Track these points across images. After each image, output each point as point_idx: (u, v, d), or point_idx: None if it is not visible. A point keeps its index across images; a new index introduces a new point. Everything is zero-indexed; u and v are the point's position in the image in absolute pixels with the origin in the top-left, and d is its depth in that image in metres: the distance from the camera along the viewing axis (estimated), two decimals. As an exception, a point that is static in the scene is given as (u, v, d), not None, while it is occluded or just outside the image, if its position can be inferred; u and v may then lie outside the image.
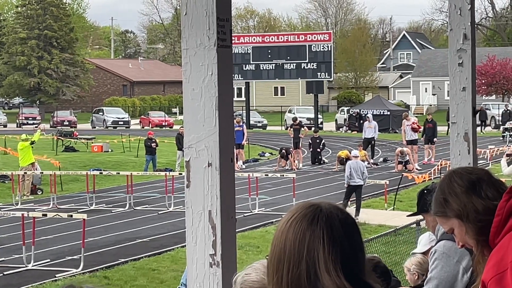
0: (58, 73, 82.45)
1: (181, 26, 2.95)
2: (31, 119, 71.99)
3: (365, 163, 29.88)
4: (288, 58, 59.33)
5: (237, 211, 3.03)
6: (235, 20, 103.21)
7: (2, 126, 70.15)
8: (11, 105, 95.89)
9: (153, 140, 35.05)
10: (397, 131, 52.45)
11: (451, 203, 3.08)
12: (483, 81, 68.62)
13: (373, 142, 37.64)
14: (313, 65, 58.96)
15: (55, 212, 21.14)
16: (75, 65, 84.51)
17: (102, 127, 68.39)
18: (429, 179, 26.38)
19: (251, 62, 60.17)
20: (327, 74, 59.63)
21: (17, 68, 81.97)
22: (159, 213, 23.58)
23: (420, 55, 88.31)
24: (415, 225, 15.16)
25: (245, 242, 18.67)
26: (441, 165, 28.55)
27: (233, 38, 3.00)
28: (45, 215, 18.89)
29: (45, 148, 42.32)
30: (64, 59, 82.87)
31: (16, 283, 15.58)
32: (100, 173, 28.78)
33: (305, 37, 60.38)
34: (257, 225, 21.39)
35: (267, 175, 28.23)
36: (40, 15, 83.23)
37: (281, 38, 61.53)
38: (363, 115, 50.81)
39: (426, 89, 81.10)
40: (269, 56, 59.76)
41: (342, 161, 31.93)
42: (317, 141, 36.73)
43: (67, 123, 67.82)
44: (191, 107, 2.90)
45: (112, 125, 68.69)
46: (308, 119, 60.71)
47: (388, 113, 56.72)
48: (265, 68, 60.28)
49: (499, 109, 60.68)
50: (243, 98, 65.54)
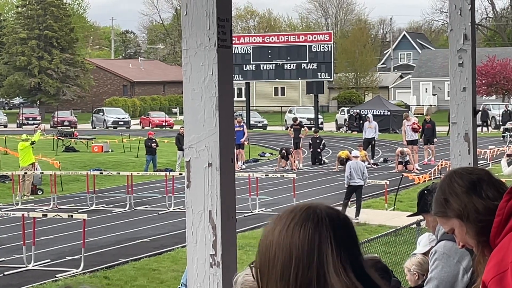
0: (58, 73, 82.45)
1: (182, 26, 2.95)
2: (31, 119, 71.95)
3: (365, 163, 29.87)
4: (288, 58, 59.31)
5: (237, 211, 3.03)
6: (235, 20, 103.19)
7: (2, 126, 70.14)
8: (12, 105, 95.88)
9: (154, 140, 35.05)
10: (397, 131, 52.44)
11: (451, 203, 3.08)
12: (484, 82, 68.60)
13: (373, 142, 37.64)
14: (313, 65, 58.94)
15: (56, 212, 21.15)
16: (76, 65, 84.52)
17: (102, 127, 68.39)
18: (429, 179, 26.37)
19: (251, 62, 60.16)
20: (327, 74, 59.62)
21: (18, 68, 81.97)
22: (160, 213, 23.58)
23: (420, 55, 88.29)
24: (415, 226, 15.15)
25: (245, 242, 18.66)
26: (441, 165, 28.53)
27: (233, 38, 3.01)
28: (46, 215, 18.89)
29: (46, 148, 42.30)
30: (64, 59, 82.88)
31: (16, 283, 15.58)
32: (100, 173, 28.78)
33: (305, 37, 60.35)
34: (257, 225, 21.37)
35: (267, 175, 28.21)
36: (40, 15, 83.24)
37: (281, 38, 61.52)
38: (363, 116, 50.81)
39: (426, 89, 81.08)
40: (269, 56, 59.75)
41: (342, 161, 31.94)
42: (317, 141, 36.73)
43: (67, 123, 67.83)
44: (191, 107, 2.90)
45: (112, 125, 68.68)
46: (308, 119, 60.70)
47: (388, 114, 56.72)
48: (265, 68, 60.26)
49: (499, 109, 60.66)
50: (243, 98, 65.52)
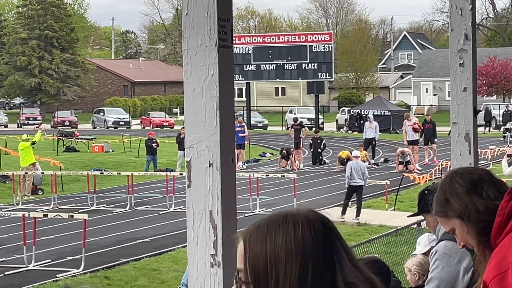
0: (59, 73, 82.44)
1: (182, 26, 2.95)
2: (32, 119, 71.96)
3: (366, 164, 29.87)
4: (288, 58, 59.31)
5: (238, 211, 3.03)
6: (236, 20, 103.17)
7: (3, 126, 70.17)
8: (12, 105, 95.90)
9: (154, 140, 35.05)
10: (397, 131, 52.43)
11: (452, 203, 3.07)
12: (484, 82, 68.57)
13: (374, 142, 37.64)
14: (313, 66, 58.94)
15: (56, 212, 21.16)
16: (76, 65, 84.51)
17: (103, 128, 68.41)
18: (430, 180, 26.37)
19: (252, 62, 60.16)
20: (327, 74, 59.61)
21: (18, 68, 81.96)
22: (160, 213, 23.58)
23: (421, 56, 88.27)
24: (416, 226, 15.15)
25: (246, 242, 18.64)
26: (442, 165, 28.53)
27: (234, 38, 3.00)
28: (46, 215, 18.89)
29: (46, 148, 42.32)
30: (65, 59, 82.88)
31: (17, 283, 15.58)
32: (101, 173, 28.78)
33: (306, 38, 60.36)
34: (258, 226, 21.36)
35: (268, 175, 28.21)
36: (41, 16, 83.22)
37: (282, 38, 61.52)
38: (364, 116, 50.80)
39: (427, 89, 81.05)
40: (270, 56, 59.75)
41: (342, 162, 31.94)
42: (318, 141, 36.73)
43: (68, 124, 67.85)
44: (192, 107, 2.90)
45: (113, 125, 68.69)
46: (308, 119, 60.69)
47: (389, 114, 56.72)
48: (266, 68, 60.26)
49: (499, 109, 60.64)
50: (244, 98, 65.50)
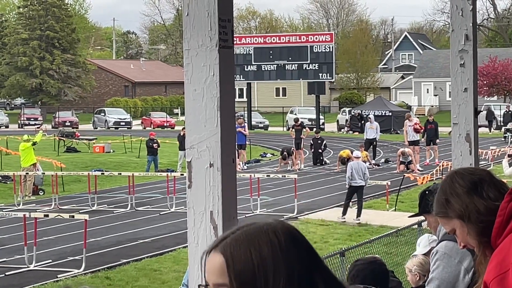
0: (59, 73, 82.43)
1: (183, 26, 2.95)
2: (32, 119, 71.96)
3: (367, 164, 29.86)
4: (289, 59, 59.31)
5: (238, 211, 3.03)
6: (236, 21, 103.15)
7: (4, 126, 70.21)
8: (13, 105, 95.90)
9: (155, 140, 35.05)
10: (398, 132, 52.42)
11: (452, 204, 3.07)
12: (485, 82, 68.55)
13: (374, 143, 37.62)
14: (314, 66, 58.93)
15: (57, 212, 21.17)
16: (77, 66, 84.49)
17: (103, 128, 68.41)
18: (431, 180, 26.36)
19: (253, 63, 60.16)
20: (328, 75, 59.61)
21: (19, 68, 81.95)
22: (161, 213, 23.58)
23: (421, 56, 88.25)
24: (416, 226, 15.15)
25: (246, 242, 18.64)
26: (443, 166, 28.51)
27: (234, 38, 3.01)
28: (47, 216, 18.90)
29: (47, 148, 42.32)
30: (66, 60, 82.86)
31: (18, 283, 15.58)
32: (101, 173, 28.78)
33: (307, 38, 60.36)
34: (258, 226, 21.36)
35: (269, 175, 28.19)
36: (42, 16, 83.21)
37: (283, 39, 61.53)
38: (365, 116, 50.80)
39: (427, 90, 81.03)
40: (271, 57, 59.74)
41: (343, 161, 31.91)
42: (319, 142, 36.73)
43: (69, 124, 67.85)
44: (192, 107, 2.91)
45: (113, 126, 68.68)
46: (309, 119, 60.70)
47: (389, 114, 56.72)
48: (266, 69, 60.26)
49: (500, 110, 60.62)
50: (245, 99, 65.52)
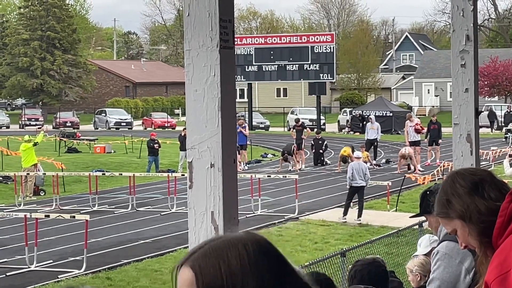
0: (60, 74, 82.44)
1: (184, 27, 2.95)
2: (33, 120, 71.95)
3: (368, 165, 29.84)
4: (290, 59, 59.29)
5: (239, 212, 3.03)
6: (237, 21, 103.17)
7: (4, 127, 70.24)
8: (14, 106, 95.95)
9: (156, 141, 35.04)
10: (399, 132, 52.41)
11: (453, 204, 3.07)
12: (486, 82, 68.53)
13: (375, 143, 37.61)
14: (315, 66, 58.92)
15: (58, 213, 21.18)
16: (78, 66, 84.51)
17: (104, 128, 68.41)
18: (432, 180, 26.35)
19: (254, 63, 60.15)
20: (329, 75, 59.59)
21: (20, 69, 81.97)
22: (162, 214, 23.57)
23: (422, 56, 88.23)
24: (417, 227, 15.15)
25: (247, 243, 18.64)
26: (444, 166, 28.50)
27: (235, 39, 3.00)
28: (48, 216, 18.91)
29: (48, 149, 42.32)
30: (66, 60, 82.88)
31: (18, 284, 15.59)
32: (102, 174, 28.78)
33: (308, 39, 60.34)
34: (259, 226, 21.38)
35: (270, 176, 28.17)
36: (42, 16, 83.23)
37: (284, 39, 61.50)
38: (366, 117, 50.79)
39: (428, 90, 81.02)
40: (272, 57, 59.73)
41: (344, 159, 31.86)
42: (320, 142, 36.73)
43: (70, 124, 67.87)
44: (193, 108, 2.90)
45: (114, 126, 68.68)
46: (310, 120, 60.71)
47: (390, 115, 56.69)
48: (267, 69, 60.24)
49: (501, 110, 60.59)
50: (246, 99, 65.52)
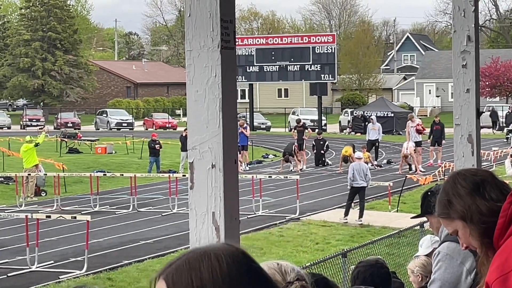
0: (62, 74, 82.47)
1: (185, 27, 2.95)
2: (34, 120, 71.98)
3: (369, 165, 29.84)
4: (291, 60, 59.29)
5: (240, 212, 3.03)
6: (238, 22, 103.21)
7: (6, 127, 70.26)
8: (15, 106, 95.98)
9: (157, 141, 35.05)
10: (400, 133, 52.40)
11: (455, 205, 3.07)
12: (487, 83, 68.54)
13: (377, 144, 37.60)
14: (316, 67, 58.92)
15: (59, 213, 21.20)
16: (79, 67, 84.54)
17: (105, 129, 68.41)
18: (433, 181, 26.34)
19: (255, 64, 60.16)
20: (330, 76, 59.58)
21: (21, 69, 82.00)
22: (163, 214, 23.58)
23: (423, 57, 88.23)
24: (419, 227, 15.16)
25: (248, 243, 18.66)
26: (445, 167, 28.49)
27: (236, 39, 3.00)
28: (49, 217, 18.91)
29: (49, 149, 42.33)
30: (68, 61, 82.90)
31: (20, 284, 15.59)
32: (103, 174, 28.78)
33: (309, 39, 60.35)
34: (260, 227, 21.39)
35: (271, 176, 28.16)
36: (44, 17, 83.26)
37: (285, 40, 61.51)
38: (368, 117, 50.78)
39: (430, 91, 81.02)
40: (273, 58, 59.73)
41: (345, 159, 31.84)
42: (321, 143, 36.73)
43: (71, 125, 67.86)
44: (194, 108, 2.90)
45: (115, 127, 68.70)
46: (311, 121, 60.69)
47: (392, 115, 56.66)
48: (268, 70, 60.25)
49: (503, 110, 60.58)
50: (247, 100, 65.52)
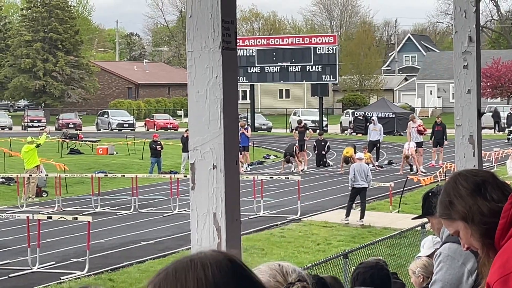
0: (63, 75, 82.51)
1: (186, 28, 2.95)
2: (36, 121, 72.03)
3: (370, 166, 29.84)
4: (293, 60, 59.29)
5: (242, 213, 3.03)
6: (240, 22, 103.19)
7: (7, 128, 70.28)
8: (16, 107, 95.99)
9: (158, 142, 35.05)
10: (402, 133, 52.39)
11: (456, 206, 3.07)
12: (488, 84, 68.56)
13: (378, 144, 37.59)
14: (318, 68, 58.92)
15: (60, 214, 21.19)
16: (80, 68, 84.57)
17: (107, 130, 68.42)
18: (434, 182, 26.33)
19: (256, 64, 60.16)
20: (332, 76, 59.56)
21: (22, 70, 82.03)
22: (164, 215, 23.57)
23: (425, 58, 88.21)
24: (420, 228, 15.16)
25: (250, 244, 18.67)
26: (446, 167, 28.49)
27: (238, 40, 3.00)
28: (50, 218, 18.91)
29: (50, 150, 42.34)
30: (69, 62, 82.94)
31: (21, 285, 15.60)
32: (105, 175, 28.79)
33: (310, 40, 60.34)
34: (262, 228, 21.39)
35: (272, 177, 28.17)
36: (45, 18, 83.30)
37: (286, 40, 61.51)
38: (368, 118, 50.77)
39: (431, 91, 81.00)
40: (274, 58, 59.74)
41: (347, 160, 31.82)
42: (322, 143, 36.72)
43: (72, 126, 67.86)
44: (196, 109, 2.90)
45: (117, 128, 68.71)
46: (313, 121, 60.65)
47: (393, 116, 56.63)
48: (270, 70, 60.24)
49: (504, 111, 60.62)
50: (248, 100, 65.52)
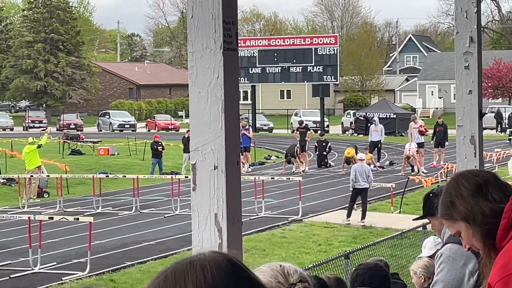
0: (64, 76, 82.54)
1: (187, 29, 2.95)
2: (37, 122, 72.08)
3: (371, 166, 29.84)
4: (294, 61, 59.28)
5: (243, 214, 3.03)
6: (241, 23, 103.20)
7: (8, 129, 70.30)
8: (18, 108, 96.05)
9: (159, 143, 35.06)
10: (403, 134, 52.39)
11: (457, 206, 3.07)
12: (490, 84, 68.53)
13: (379, 145, 37.59)
14: (319, 68, 58.91)
15: (62, 215, 21.21)
16: (82, 68, 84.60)
17: (108, 130, 68.45)
18: (435, 182, 26.32)
19: (257, 65, 60.15)
20: (333, 77, 59.54)
21: (24, 71, 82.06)
22: (165, 216, 23.58)
23: (426, 58, 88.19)
24: (421, 229, 15.16)
25: (251, 245, 18.67)
26: (447, 168, 28.48)
27: (239, 41, 3.00)
28: (52, 218, 18.92)
29: (52, 151, 42.36)
30: (70, 62, 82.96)
31: (22, 286, 15.60)
32: (106, 176, 28.79)
33: (311, 40, 60.32)
34: (263, 228, 21.38)
35: (273, 178, 28.18)
36: (46, 19, 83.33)
37: (287, 41, 61.49)
38: (370, 118, 50.77)
39: (432, 92, 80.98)
40: (275, 59, 59.72)
41: (348, 161, 31.82)
42: (323, 144, 36.71)
43: (74, 126, 67.90)
44: (197, 110, 2.90)
45: (118, 128, 68.74)
46: (314, 122, 60.65)
47: (394, 116, 56.64)
48: (271, 71, 60.23)
49: (505, 112, 60.61)
50: (249, 101, 65.52)
